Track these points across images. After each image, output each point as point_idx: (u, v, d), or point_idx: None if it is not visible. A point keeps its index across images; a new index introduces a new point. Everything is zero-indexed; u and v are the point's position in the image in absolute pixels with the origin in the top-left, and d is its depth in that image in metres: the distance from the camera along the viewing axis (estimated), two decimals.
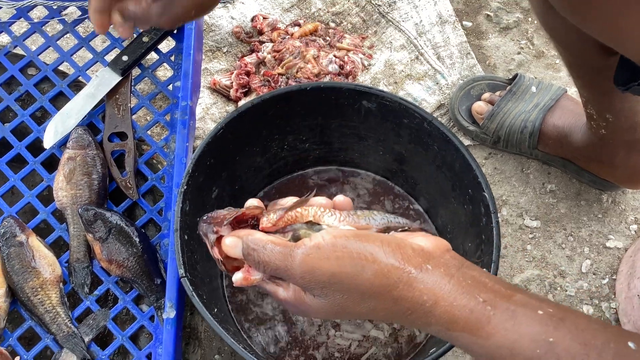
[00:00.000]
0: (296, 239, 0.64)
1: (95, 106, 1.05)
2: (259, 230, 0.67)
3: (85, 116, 1.04)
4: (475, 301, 0.55)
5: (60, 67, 1.11)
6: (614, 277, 1.15)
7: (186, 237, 0.86)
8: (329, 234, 0.60)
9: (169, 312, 0.90)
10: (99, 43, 1.26)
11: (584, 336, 0.52)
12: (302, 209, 0.66)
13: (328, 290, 0.59)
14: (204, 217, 0.69)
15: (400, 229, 0.68)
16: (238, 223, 0.69)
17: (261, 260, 0.62)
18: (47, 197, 1.02)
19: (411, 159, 1.00)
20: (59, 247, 1.00)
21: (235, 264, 0.68)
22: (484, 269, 0.61)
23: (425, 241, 0.61)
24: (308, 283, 0.59)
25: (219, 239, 0.68)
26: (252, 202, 0.69)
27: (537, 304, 0.55)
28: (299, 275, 0.59)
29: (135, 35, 1.07)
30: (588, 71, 0.93)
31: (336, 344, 1.01)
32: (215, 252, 0.68)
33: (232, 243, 0.64)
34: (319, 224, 0.65)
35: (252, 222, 0.69)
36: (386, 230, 0.67)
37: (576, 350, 0.52)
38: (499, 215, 1.19)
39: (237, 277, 0.65)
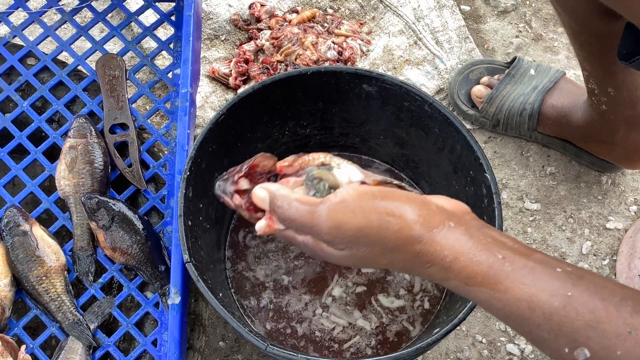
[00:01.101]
0: (311, 179, 0.67)
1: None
2: (277, 172, 0.72)
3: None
4: (494, 258, 0.57)
5: (60, 57, 1.11)
6: (614, 258, 1.15)
7: (190, 222, 0.87)
8: (354, 189, 0.60)
9: (174, 298, 0.91)
10: (97, 32, 1.25)
11: (602, 293, 0.53)
12: (314, 154, 0.70)
13: (352, 244, 0.60)
14: (219, 178, 0.73)
15: (398, 186, 0.70)
16: (253, 175, 0.73)
17: (287, 217, 0.62)
18: (49, 186, 1.02)
19: (412, 142, 1.00)
20: (62, 236, 1.00)
21: (258, 214, 0.70)
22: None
23: (447, 202, 0.63)
24: (334, 238, 0.60)
25: (238, 191, 0.71)
26: (263, 154, 0.73)
27: (555, 263, 0.57)
28: (325, 231, 0.59)
29: None
30: (592, 40, 0.93)
31: (320, 323, 1.02)
32: (236, 199, 0.71)
33: (262, 195, 0.65)
34: (330, 165, 0.69)
35: (269, 176, 0.73)
36: (384, 182, 0.70)
37: (594, 305, 0.53)
38: None
39: (261, 225, 0.66)
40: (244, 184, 0.72)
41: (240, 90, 1.24)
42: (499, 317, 0.58)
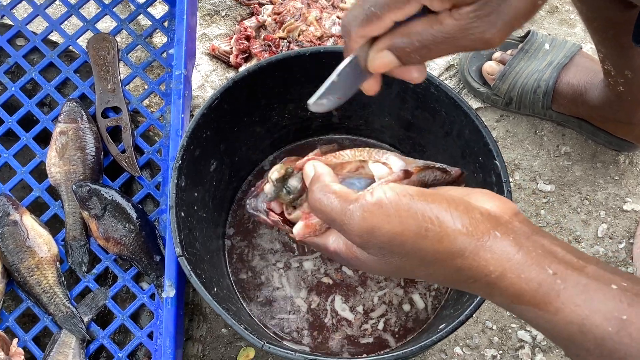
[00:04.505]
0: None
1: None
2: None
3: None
4: (544, 274, 0.52)
5: (50, 37, 1.06)
6: (631, 240, 1.11)
7: (183, 214, 0.83)
8: (392, 190, 0.54)
9: (169, 291, 0.87)
10: (92, 10, 1.21)
11: None
12: (349, 151, 0.65)
13: (386, 252, 0.54)
14: (248, 195, 0.69)
15: (440, 169, 0.65)
16: None
17: (316, 208, 0.58)
18: (41, 173, 0.98)
19: (419, 125, 0.95)
20: (55, 225, 0.97)
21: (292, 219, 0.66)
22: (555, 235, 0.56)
23: (492, 204, 0.56)
24: (365, 243, 0.54)
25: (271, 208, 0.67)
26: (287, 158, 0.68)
27: (610, 277, 0.52)
28: (356, 233, 0.54)
29: None
30: (606, 26, 0.90)
31: (271, 274, 1.00)
32: (273, 216, 0.67)
33: (308, 171, 0.62)
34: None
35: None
36: (426, 168, 0.64)
37: None
38: (511, 179, 1.15)
39: (298, 227, 0.63)
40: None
41: (241, 69, 1.19)
42: (546, 335, 0.54)
